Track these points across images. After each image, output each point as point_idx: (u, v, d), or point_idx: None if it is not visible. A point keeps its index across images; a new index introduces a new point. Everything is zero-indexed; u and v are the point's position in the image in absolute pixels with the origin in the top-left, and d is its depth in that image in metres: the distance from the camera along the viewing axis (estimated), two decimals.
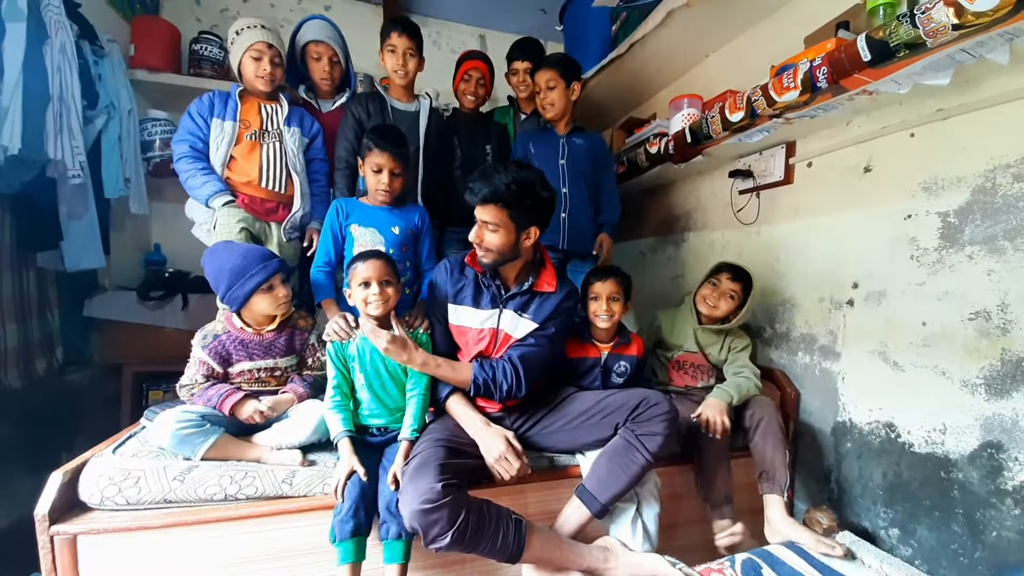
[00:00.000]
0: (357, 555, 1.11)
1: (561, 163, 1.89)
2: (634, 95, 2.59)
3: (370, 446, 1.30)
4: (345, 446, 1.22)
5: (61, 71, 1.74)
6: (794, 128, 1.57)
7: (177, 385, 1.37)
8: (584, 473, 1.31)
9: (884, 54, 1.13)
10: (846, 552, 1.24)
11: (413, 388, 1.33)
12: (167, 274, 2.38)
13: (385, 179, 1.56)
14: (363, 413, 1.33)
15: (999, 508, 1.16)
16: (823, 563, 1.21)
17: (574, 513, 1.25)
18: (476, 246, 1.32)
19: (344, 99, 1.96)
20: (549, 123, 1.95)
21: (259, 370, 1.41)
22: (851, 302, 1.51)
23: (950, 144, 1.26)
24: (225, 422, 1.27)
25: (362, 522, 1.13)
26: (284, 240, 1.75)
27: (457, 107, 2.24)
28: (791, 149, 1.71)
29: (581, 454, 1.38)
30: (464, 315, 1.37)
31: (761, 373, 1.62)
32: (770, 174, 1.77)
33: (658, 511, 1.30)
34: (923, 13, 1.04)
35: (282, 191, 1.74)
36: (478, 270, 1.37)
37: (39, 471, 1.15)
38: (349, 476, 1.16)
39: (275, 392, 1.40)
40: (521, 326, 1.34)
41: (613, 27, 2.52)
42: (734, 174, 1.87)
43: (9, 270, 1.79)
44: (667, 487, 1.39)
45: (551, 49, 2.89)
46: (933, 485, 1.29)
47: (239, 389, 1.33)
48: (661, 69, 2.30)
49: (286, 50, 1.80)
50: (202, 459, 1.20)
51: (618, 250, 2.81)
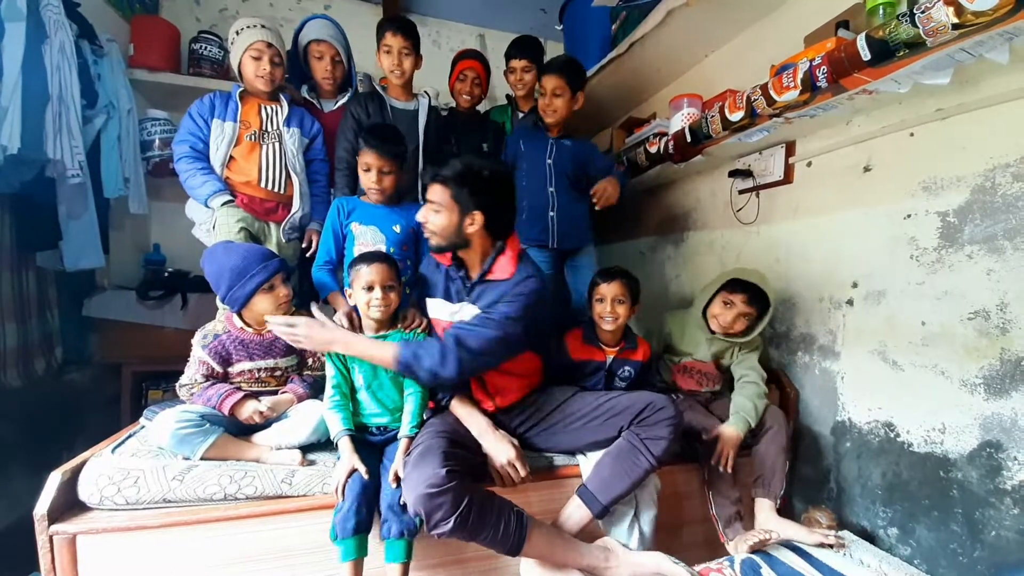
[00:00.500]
0: (359, 551, 1.11)
1: (548, 162, 1.89)
2: (634, 95, 2.59)
3: (370, 445, 1.30)
4: (345, 445, 1.22)
5: (60, 71, 1.74)
6: (794, 128, 1.57)
7: (177, 385, 1.37)
8: (584, 473, 1.31)
9: (884, 53, 1.13)
10: (839, 541, 1.26)
11: (411, 386, 1.33)
12: (166, 274, 2.38)
13: (374, 177, 1.57)
14: (363, 413, 1.33)
15: (998, 507, 1.16)
16: (822, 562, 1.21)
17: (575, 513, 1.25)
18: (423, 227, 1.32)
19: (346, 99, 1.96)
20: (542, 122, 1.95)
21: (259, 370, 1.41)
22: (851, 301, 1.51)
23: (950, 144, 1.26)
24: (225, 422, 1.27)
25: (363, 519, 1.13)
26: (283, 240, 1.75)
27: (454, 106, 2.24)
28: (791, 149, 1.71)
29: (582, 454, 1.37)
30: (437, 308, 1.38)
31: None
32: (770, 174, 1.77)
33: (655, 514, 1.30)
34: (923, 12, 1.04)
35: (281, 191, 1.74)
36: (446, 263, 1.37)
37: (38, 471, 1.15)
38: (350, 474, 1.16)
39: (275, 392, 1.40)
40: (469, 311, 1.31)
41: (613, 27, 2.52)
42: (734, 174, 1.86)
43: (8, 270, 1.79)
44: (668, 486, 1.38)
45: (551, 49, 2.89)
46: (932, 484, 1.29)
47: (239, 389, 1.33)
48: (661, 68, 2.30)
49: (287, 50, 1.80)
50: (201, 459, 1.20)
51: (618, 250, 2.82)
